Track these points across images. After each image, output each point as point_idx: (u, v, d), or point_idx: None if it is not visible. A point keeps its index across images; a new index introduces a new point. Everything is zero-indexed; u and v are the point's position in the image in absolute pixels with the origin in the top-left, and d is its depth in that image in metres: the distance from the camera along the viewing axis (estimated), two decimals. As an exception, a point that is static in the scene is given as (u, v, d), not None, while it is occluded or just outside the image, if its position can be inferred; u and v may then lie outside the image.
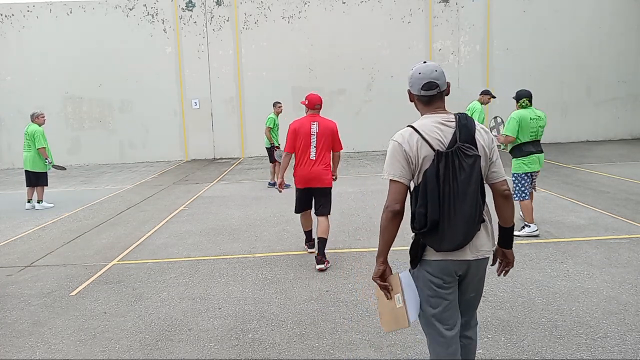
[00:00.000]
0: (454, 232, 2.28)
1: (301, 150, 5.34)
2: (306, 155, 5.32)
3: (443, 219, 2.27)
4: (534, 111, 6.08)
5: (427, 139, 2.31)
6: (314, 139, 5.31)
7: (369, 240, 6.31)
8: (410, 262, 2.48)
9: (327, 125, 5.38)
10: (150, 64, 16.40)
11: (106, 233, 7.28)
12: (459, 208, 2.27)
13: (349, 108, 16.74)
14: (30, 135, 9.17)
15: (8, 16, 16.29)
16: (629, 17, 16.73)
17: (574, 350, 3.42)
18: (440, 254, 2.35)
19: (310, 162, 5.32)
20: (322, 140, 5.32)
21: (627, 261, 5.13)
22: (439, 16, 16.50)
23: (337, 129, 5.47)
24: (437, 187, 2.25)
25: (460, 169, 2.25)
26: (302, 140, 5.33)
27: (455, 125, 2.34)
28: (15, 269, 5.79)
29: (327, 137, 5.34)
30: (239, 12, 16.35)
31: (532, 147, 6.05)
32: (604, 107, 16.96)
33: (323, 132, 5.33)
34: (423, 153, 2.31)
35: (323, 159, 5.34)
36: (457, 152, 2.26)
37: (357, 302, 4.41)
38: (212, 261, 5.76)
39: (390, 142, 2.41)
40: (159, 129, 16.70)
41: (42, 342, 3.92)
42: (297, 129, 5.35)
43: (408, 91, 2.50)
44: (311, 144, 5.31)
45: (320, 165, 5.32)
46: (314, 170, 5.31)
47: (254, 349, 3.66)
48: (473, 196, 2.28)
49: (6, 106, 16.42)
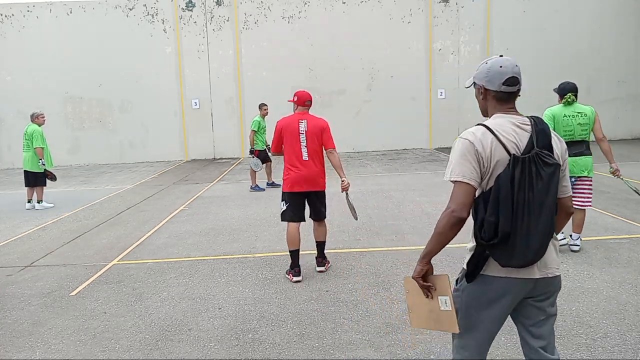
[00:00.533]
0: (527, 246, 2.05)
1: (290, 151, 4.93)
2: (297, 157, 4.91)
3: (515, 230, 2.04)
4: (575, 107, 5.29)
5: (503, 141, 2.09)
6: (303, 138, 4.89)
7: (369, 240, 6.31)
8: (466, 275, 2.23)
9: (317, 123, 4.97)
10: (150, 64, 16.40)
11: (106, 233, 7.28)
12: (534, 220, 2.05)
13: (349, 108, 16.74)
14: (29, 135, 9.17)
15: (8, 16, 16.29)
16: (629, 17, 16.73)
17: (574, 350, 3.42)
18: (504, 270, 2.12)
19: (303, 163, 4.90)
20: (312, 140, 4.91)
21: (627, 261, 5.12)
22: (439, 16, 16.50)
23: (329, 127, 5.05)
24: (510, 195, 2.03)
25: (538, 178, 2.03)
26: (289, 140, 4.92)
27: (531, 129, 2.12)
28: (15, 269, 5.79)
29: (318, 135, 4.92)
30: (239, 12, 16.35)
31: None
32: (604, 107, 16.92)
33: (312, 130, 4.91)
34: (497, 156, 2.08)
35: (317, 159, 4.95)
36: (536, 158, 2.04)
37: (357, 302, 4.41)
38: (212, 261, 5.76)
39: (458, 140, 2.17)
40: (159, 129, 16.71)
41: (42, 342, 3.92)
42: (284, 128, 4.95)
43: (479, 86, 2.25)
44: (301, 143, 4.89)
45: (314, 166, 4.93)
46: (308, 173, 4.91)
47: (254, 349, 3.66)
48: (549, 208, 2.06)
49: (6, 106, 16.42)
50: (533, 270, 2.13)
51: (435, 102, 16.81)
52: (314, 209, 5.13)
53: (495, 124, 2.15)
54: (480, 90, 2.26)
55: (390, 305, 4.29)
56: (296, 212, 5.03)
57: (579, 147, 5.25)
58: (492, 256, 2.13)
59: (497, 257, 2.11)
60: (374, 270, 5.20)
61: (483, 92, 2.24)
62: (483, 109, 2.30)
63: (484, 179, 2.12)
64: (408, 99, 16.67)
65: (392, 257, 5.60)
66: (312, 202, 5.09)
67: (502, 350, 3.46)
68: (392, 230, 6.70)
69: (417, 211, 7.75)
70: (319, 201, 5.11)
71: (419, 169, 12.23)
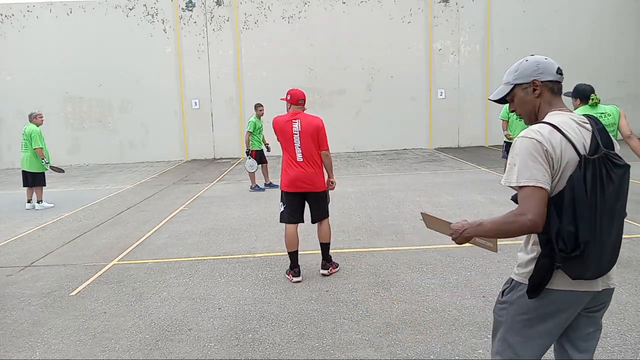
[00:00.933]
0: (601, 257, 1.89)
1: (285, 151, 4.87)
2: (292, 157, 4.82)
3: (594, 240, 1.86)
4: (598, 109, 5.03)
5: (572, 140, 1.91)
6: (297, 139, 4.78)
7: (369, 240, 6.31)
8: (529, 291, 1.98)
9: (311, 122, 4.80)
10: (150, 64, 16.40)
11: (106, 233, 7.28)
12: (607, 227, 1.89)
13: (349, 108, 16.74)
14: (27, 135, 9.16)
15: (8, 16, 16.29)
16: (629, 17, 16.73)
17: (574, 350, 3.42)
18: (570, 283, 1.93)
19: (297, 164, 4.81)
20: (306, 140, 4.77)
21: (627, 261, 5.12)
22: (439, 16, 16.50)
23: (323, 126, 4.87)
24: (586, 200, 1.83)
25: (609, 181, 1.87)
26: (283, 140, 4.85)
27: (591, 127, 1.97)
28: (15, 269, 5.79)
29: (312, 135, 4.77)
30: (239, 12, 16.35)
31: None
32: (604, 107, 16.95)
33: (306, 130, 4.76)
34: (567, 156, 1.89)
35: (312, 159, 4.82)
36: (605, 159, 1.87)
37: (357, 302, 4.41)
38: (212, 261, 5.76)
39: (522, 140, 1.93)
40: (159, 129, 16.71)
41: (42, 342, 3.92)
42: (278, 129, 4.87)
43: (529, 84, 2.07)
44: (294, 144, 4.78)
45: (310, 168, 4.81)
46: (303, 173, 4.80)
47: (254, 349, 3.66)
48: (620, 214, 1.93)
49: (6, 106, 16.42)
50: (597, 282, 1.97)
51: (435, 102, 16.81)
52: (311, 210, 5.05)
53: (560, 121, 1.95)
54: (530, 87, 2.07)
55: (390, 305, 4.29)
56: (293, 214, 4.95)
57: None
58: (564, 269, 1.90)
59: (570, 269, 1.89)
60: (374, 270, 5.20)
61: (538, 86, 2.05)
62: (533, 110, 2.10)
63: (552, 182, 1.91)
64: (408, 99, 16.67)
65: (392, 257, 5.60)
66: (310, 203, 5.01)
67: (502, 350, 3.46)
68: (392, 230, 6.70)
69: (417, 211, 7.74)
70: (316, 202, 4.99)
71: (419, 169, 12.23)
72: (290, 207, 4.94)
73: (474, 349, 3.50)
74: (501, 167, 11.89)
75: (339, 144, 16.79)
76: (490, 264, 5.21)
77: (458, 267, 5.18)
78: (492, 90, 16.76)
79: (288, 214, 4.96)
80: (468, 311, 4.10)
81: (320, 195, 4.97)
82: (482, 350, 3.46)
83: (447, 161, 13.46)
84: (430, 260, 5.40)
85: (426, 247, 5.88)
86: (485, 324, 3.86)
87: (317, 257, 5.67)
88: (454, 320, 3.95)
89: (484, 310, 4.09)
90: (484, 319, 3.95)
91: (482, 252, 5.61)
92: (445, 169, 12.12)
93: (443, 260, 5.41)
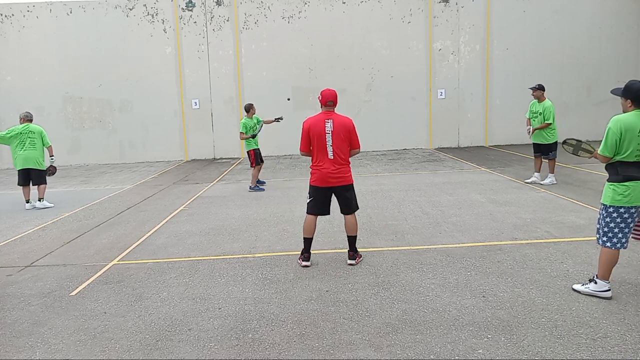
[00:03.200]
0: None
1: (317, 149, 5.18)
2: (324, 155, 5.16)
3: None
4: None
5: None
6: (329, 138, 5.12)
7: (369, 240, 6.31)
8: None
9: (343, 122, 5.18)
10: (150, 64, 16.40)
11: (106, 233, 7.28)
12: None
13: (349, 108, 16.71)
14: (38, 133, 9.45)
15: (8, 16, 16.29)
16: (629, 17, 16.73)
17: (574, 350, 3.42)
18: None
19: (329, 161, 5.16)
20: (338, 139, 5.13)
21: (627, 261, 5.12)
22: (439, 16, 16.50)
23: (354, 126, 5.26)
24: None
25: None
26: (316, 139, 5.15)
27: None
28: (15, 269, 5.79)
29: (344, 134, 5.15)
30: (239, 12, 16.35)
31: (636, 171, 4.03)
32: (604, 107, 16.93)
33: (338, 129, 5.13)
34: None
35: (341, 157, 5.18)
36: None
37: (357, 302, 4.41)
38: (212, 261, 5.76)
39: None
40: (159, 129, 16.71)
41: (42, 342, 3.92)
42: (311, 128, 5.17)
43: None
44: (327, 143, 5.13)
45: (339, 165, 5.18)
46: (333, 170, 5.18)
47: (254, 349, 3.66)
48: None
49: (6, 106, 16.41)
50: None
51: (435, 102, 16.81)
52: (341, 202, 5.37)
53: None
54: None
55: (390, 305, 4.29)
56: (317, 206, 5.34)
57: None
58: None
59: None
60: (374, 270, 5.20)
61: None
62: None
63: None
64: (408, 99, 16.66)
65: (392, 257, 5.60)
66: (339, 195, 5.33)
67: (502, 351, 3.46)
68: (392, 230, 6.70)
69: (417, 211, 7.75)
70: (345, 195, 5.32)
71: (419, 169, 12.23)
72: (316, 200, 5.33)
73: (474, 349, 3.50)
74: (501, 167, 11.90)
75: (339, 144, 16.79)
76: (490, 264, 5.21)
77: (458, 267, 5.18)
78: (492, 90, 16.77)
79: (313, 205, 5.35)
80: (468, 311, 4.10)
81: (349, 187, 5.31)
82: (482, 350, 3.46)
83: (447, 161, 13.46)
84: (430, 260, 5.41)
85: (426, 247, 5.88)
86: (485, 324, 3.86)
87: (319, 256, 5.68)
88: (454, 320, 3.95)
89: (484, 310, 4.10)
90: (484, 319, 3.95)
91: (482, 252, 5.62)
92: (445, 169, 12.12)
93: (443, 260, 5.42)
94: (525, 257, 5.37)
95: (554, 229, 6.44)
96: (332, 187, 5.27)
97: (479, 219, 7.09)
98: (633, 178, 4.00)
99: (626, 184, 4.02)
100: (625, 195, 4.03)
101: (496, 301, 4.28)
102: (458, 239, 6.19)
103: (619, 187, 4.07)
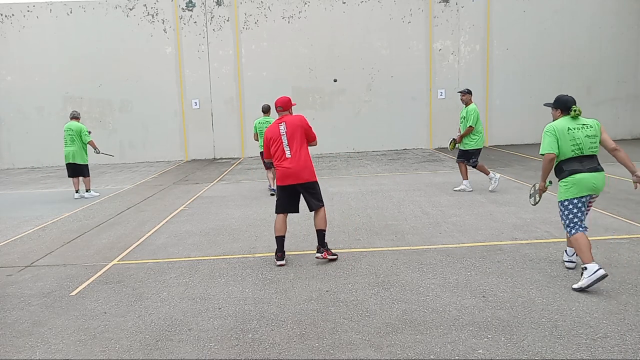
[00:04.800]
0: None
1: (277, 151, 5.49)
2: (283, 155, 5.45)
3: None
4: (579, 120, 4.76)
5: None
6: (284, 139, 5.45)
7: (369, 240, 6.31)
8: None
9: (294, 121, 5.49)
10: (150, 64, 16.40)
11: (106, 233, 7.28)
12: None
13: (349, 108, 16.74)
14: (76, 131, 10.16)
15: (8, 16, 16.29)
16: (629, 17, 16.73)
17: (574, 350, 3.42)
18: None
19: (287, 160, 5.43)
20: (293, 137, 5.43)
21: (627, 261, 5.12)
22: (439, 16, 16.50)
23: (306, 120, 5.57)
24: None
25: None
26: (274, 143, 5.51)
27: None
28: (15, 269, 5.79)
29: (298, 132, 5.44)
30: (239, 12, 16.36)
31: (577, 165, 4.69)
32: (604, 107, 16.95)
33: (292, 129, 5.44)
34: None
35: (299, 155, 5.42)
36: None
37: (357, 302, 4.40)
38: (212, 261, 5.76)
39: None
40: (159, 129, 16.71)
41: (42, 342, 3.92)
42: (269, 135, 5.56)
43: None
44: (283, 143, 5.45)
45: (298, 162, 5.41)
46: (293, 168, 5.40)
47: (254, 349, 3.66)
48: None
49: (6, 106, 16.42)
50: None
51: (435, 102, 16.81)
52: (306, 200, 5.56)
53: None
54: None
55: (390, 305, 4.29)
56: (283, 205, 5.59)
57: (593, 162, 4.67)
58: None
59: None
60: (374, 270, 5.20)
61: None
62: None
63: None
64: (408, 99, 16.67)
65: (392, 257, 5.60)
66: (303, 194, 5.55)
67: (502, 351, 3.46)
68: (392, 230, 6.70)
69: (417, 211, 7.75)
70: (308, 192, 5.52)
71: (419, 169, 12.23)
72: (282, 199, 5.58)
73: (474, 349, 3.50)
74: (501, 167, 11.89)
75: (339, 144, 16.80)
76: (490, 264, 5.21)
77: (458, 267, 5.18)
78: (492, 90, 16.77)
79: (280, 204, 5.60)
80: (468, 311, 4.10)
81: (312, 184, 5.53)
82: (482, 350, 3.46)
83: (447, 161, 13.46)
84: (430, 260, 5.40)
85: (426, 247, 5.88)
86: (485, 324, 3.86)
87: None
88: (454, 320, 3.95)
89: (484, 310, 4.09)
90: (484, 319, 3.95)
91: (482, 252, 5.62)
92: (445, 169, 12.12)
93: (443, 260, 5.41)
94: (525, 257, 5.37)
95: (554, 229, 6.44)
96: (295, 185, 5.48)
97: (479, 219, 7.09)
98: (576, 171, 4.66)
99: (572, 177, 4.68)
100: (573, 186, 4.68)
101: (496, 301, 4.28)
102: (458, 239, 6.19)
103: (567, 181, 4.73)
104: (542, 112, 16.75)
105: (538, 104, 17.64)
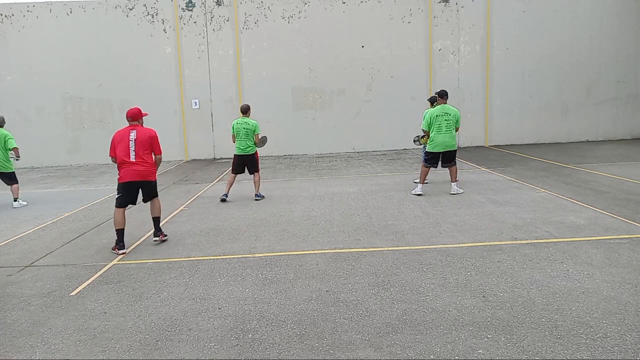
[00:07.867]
0: None
1: (122, 153, 6.32)
2: (127, 157, 6.32)
3: None
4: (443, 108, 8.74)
5: None
6: (132, 144, 6.33)
7: (369, 240, 6.31)
8: None
9: (145, 133, 6.44)
10: (150, 64, 16.40)
11: (106, 233, 7.28)
12: None
13: (349, 108, 16.73)
14: (2, 137, 9.45)
15: (8, 16, 16.28)
16: (629, 17, 16.72)
17: (574, 350, 3.42)
18: None
19: (131, 162, 6.31)
20: (140, 145, 6.33)
21: (627, 261, 5.13)
22: (439, 16, 16.50)
23: (156, 136, 6.52)
24: None
25: None
26: (120, 146, 6.36)
27: None
28: (15, 269, 5.79)
29: (145, 142, 6.37)
30: (239, 12, 16.35)
31: None
32: (603, 107, 16.95)
33: (142, 138, 6.36)
34: None
35: (143, 159, 6.35)
36: None
37: (357, 302, 4.41)
38: (212, 261, 5.76)
39: None
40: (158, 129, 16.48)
41: (42, 342, 3.92)
42: (116, 138, 6.46)
43: None
44: (130, 148, 6.32)
45: (140, 165, 6.33)
46: (137, 169, 6.31)
47: (254, 349, 3.66)
48: None
49: (6, 106, 16.40)
50: None
51: (435, 102, 16.79)
52: (145, 193, 6.57)
53: None
54: None
55: (390, 305, 4.29)
56: (125, 200, 6.43)
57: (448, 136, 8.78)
58: None
59: None
60: (374, 270, 5.20)
61: None
62: None
63: None
64: (408, 99, 16.66)
65: (392, 257, 5.60)
66: (144, 189, 6.53)
67: (502, 351, 3.46)
68: (392, 230, 6.70)
69: (417, 211, 7.75)
70: (148, 187, 6.57)
71: (419, 169, 12.20)
72: (124, 195, 6.41)
73: (474, 349, 3.50)
74: (501, 167, 11.89)
75: (339, 144, 16.79)
76: (490, 264, 5.21)
77: (458, 267, 5.18)
78: (492, 90, 16.77)
79: (122, 200, 6.40)
80: (468, 311, 4.10)
81: (152, 184, 6.58)
82: (482, 350, 3.46)
83: (447, 161, 13.44)
84: (430, 260, 5.41)
85: (426, 247, 5.88)
86: (485, 323, 3.86)
87: (316, 257, 5.68)
88: (454, 320, 3.95)
89: (484, 310, 4.10)
90: (484, 319, 3.95)
91: (482, 252, 5.62)
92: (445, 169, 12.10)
93: (443, 260, 5.42)
94: (525, 257, 5.37)
95: (554, 229, 6.44)
96: (137, 182, 6.39)
97: (479, 219, 7.09)
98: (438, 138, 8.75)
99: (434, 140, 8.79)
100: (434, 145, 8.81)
101: (496, 301, 4.28)
102: (458, 239, 6.19)
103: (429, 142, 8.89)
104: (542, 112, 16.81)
105: (538, 104, 17.67)
